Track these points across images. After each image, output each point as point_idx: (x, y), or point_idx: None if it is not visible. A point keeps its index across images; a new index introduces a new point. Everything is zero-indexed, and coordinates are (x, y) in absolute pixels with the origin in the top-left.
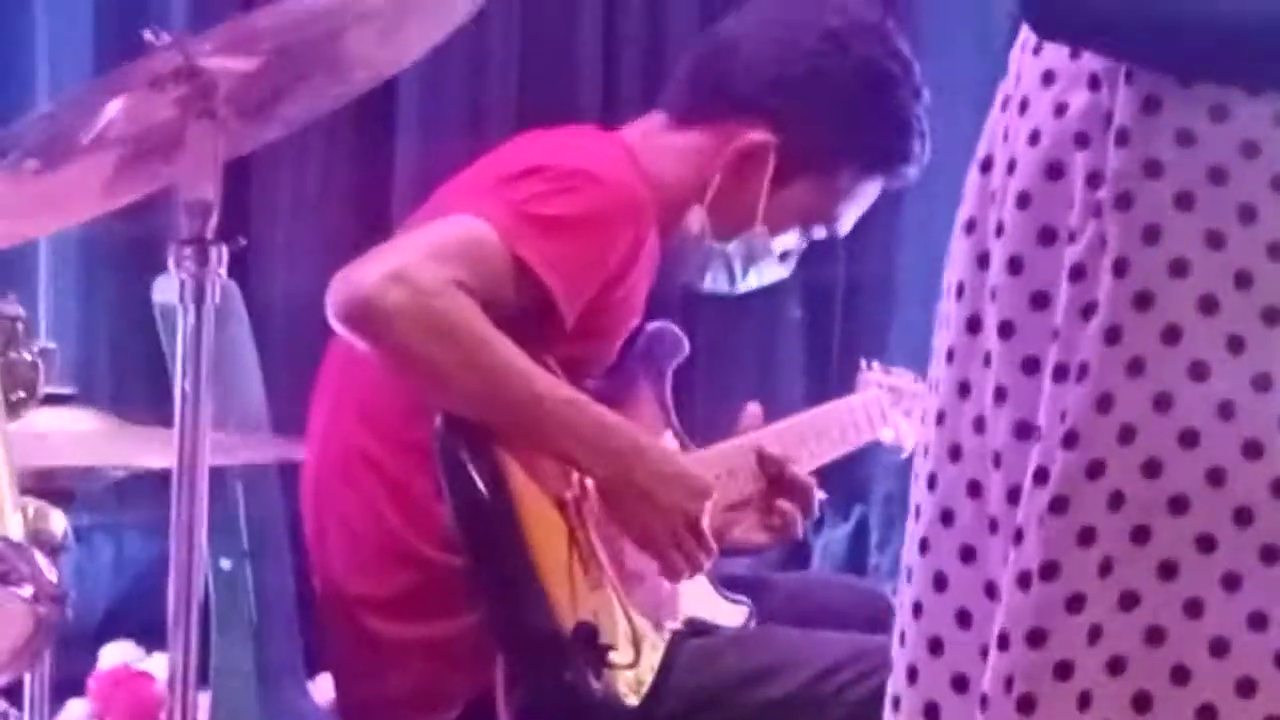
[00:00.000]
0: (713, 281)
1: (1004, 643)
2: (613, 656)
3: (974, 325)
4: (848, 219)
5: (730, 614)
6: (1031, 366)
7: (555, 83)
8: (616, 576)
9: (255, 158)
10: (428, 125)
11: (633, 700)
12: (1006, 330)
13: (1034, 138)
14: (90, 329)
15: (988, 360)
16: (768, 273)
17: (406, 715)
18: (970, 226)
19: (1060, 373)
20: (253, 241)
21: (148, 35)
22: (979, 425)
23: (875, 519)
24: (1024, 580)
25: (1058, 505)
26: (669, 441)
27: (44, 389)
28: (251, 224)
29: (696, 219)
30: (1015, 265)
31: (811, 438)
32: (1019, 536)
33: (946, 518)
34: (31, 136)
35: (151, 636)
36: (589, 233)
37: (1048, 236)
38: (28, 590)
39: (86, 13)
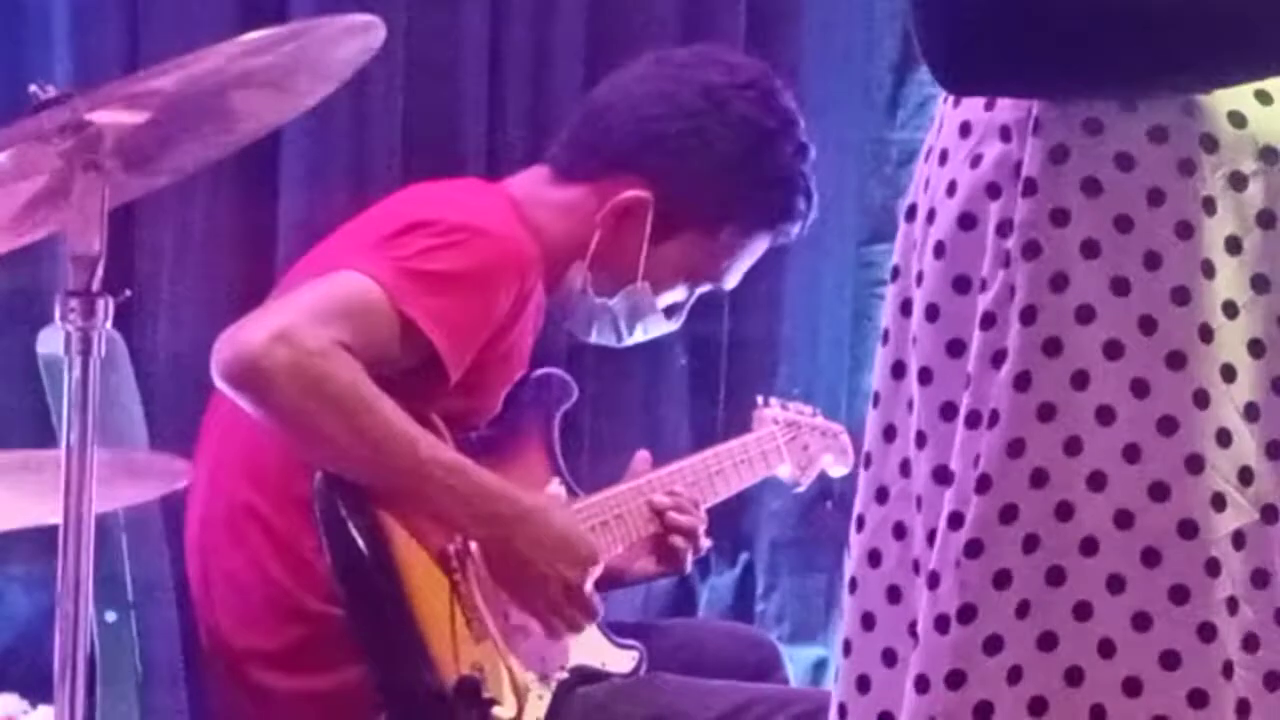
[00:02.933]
0: (598, 335)
1: (922, 685)
2: (496, 710)
3: (898, 371)
4: (733, 275)
5: (620, 659)
6: (949, 412)
7: (439, 135)
8: (500, 628)
9: (139, 206)
10: (312, 176)
11: None
12: (925, 376)
13: (951, 188)
14: None
15: (910, 405)
16: (654, 327)
17: None
18: (895, 274)
19: (973, 419)
20: (136, 291)
21: (34, 89)
22: (905, 469)
23: (761, 565)
24: (941, 623)
25: (973, 549)
26: (557, 489)
27: None
28: (135, 273)
29: (578, 275)
30: (932, 313)
31: (705, 478)
32: (934, 580)
33: (874, 558)
34: None
35: (36, 689)
36: (475, 288)
37: (962, 285)
38: None
39: None
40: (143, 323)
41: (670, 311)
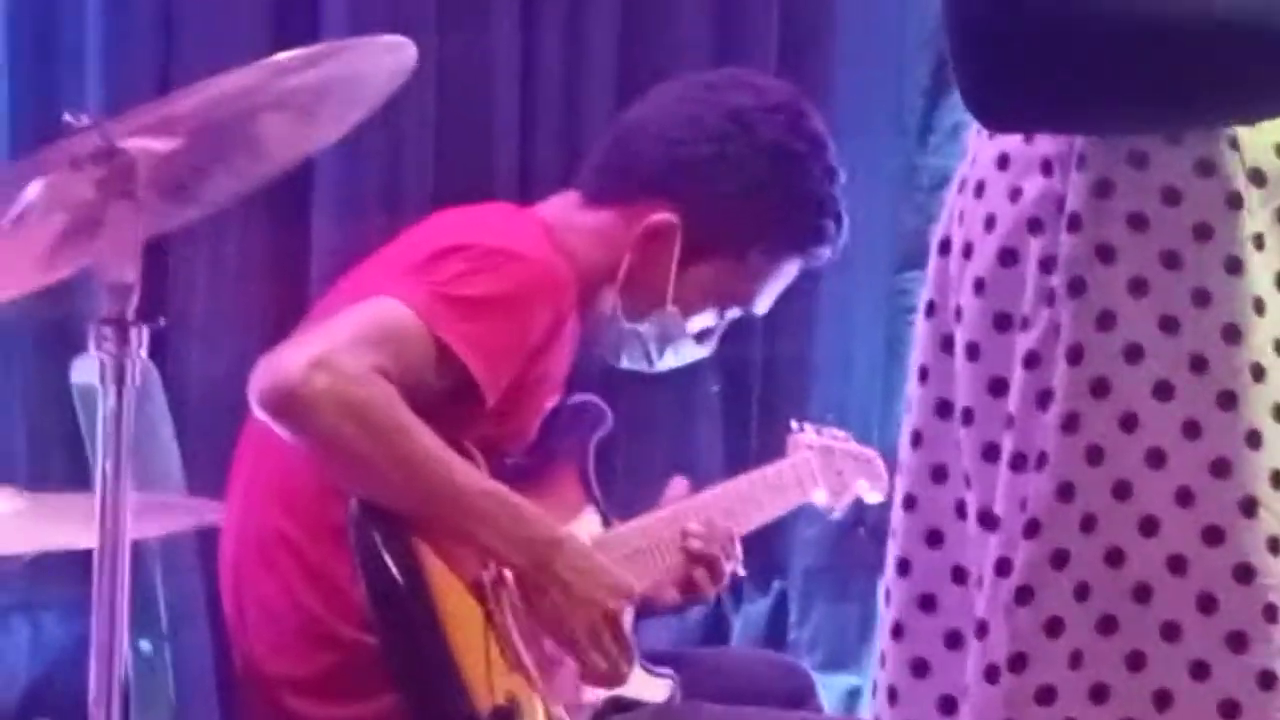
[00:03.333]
0: (629, 360)
1: None
2: None
3: (943, 410)
4: (763, 299)
5: (654, 688)
6: (991, 454)
7: (471, 161)
8: (534, 659)
9: (172, 235)
10: (344, 203)
11: None
12: (968, 417)
13: (989, 223)
14: (6, 410)
15: (958, 445)
16: (685, 352)
17: None
18: (930, 309)
19: (1018, 461)
20: (170, 320)
21: (67, 117)
22: (960, 510)
23: (794, 593)
24: (991, 674)
25: (1023, 596)
26: (591, 517)
27: None
28: (169, 301)
29: (608, 299)
30: (973, 351)
31: (740, 504)
32: (983, 629)
33: (927, 603)
34: None
35: (71, 718)
36: (510, 312)
37: (1003, 323)
38: None
39: (1, 92)
40: (176, 351)
41: (701, 337)
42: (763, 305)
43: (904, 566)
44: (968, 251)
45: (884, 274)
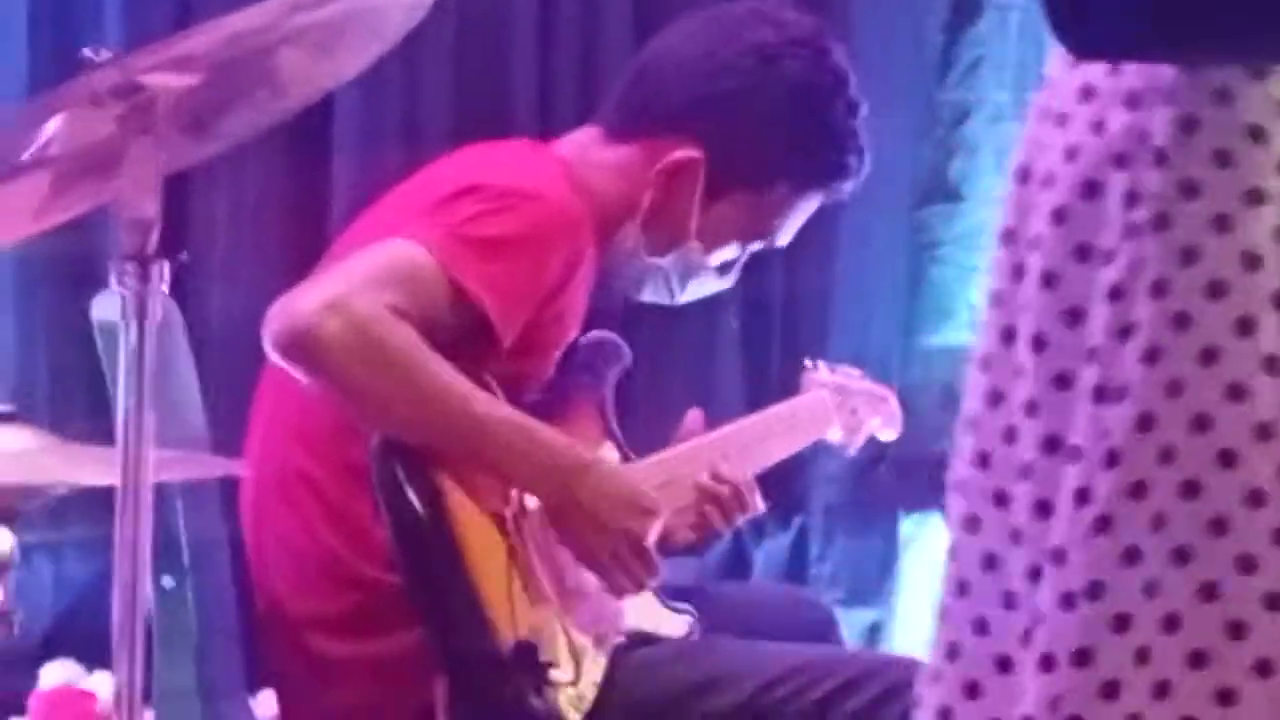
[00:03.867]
0: (651, 293)
1: (1048, 664)
2: (553, 674)
3: (1008, 336)
4: (785, 232)
5: (674, 624)
6: (1063, 382)
7: (490, 97)
8: (557, 592)
9: (191, 173)
10: (364, 140)
11: (575, 717)
12: (1039, 344)
13: (1071, 154)
14: (27, 347)
15: (1019, 372)
16: (707, 285)
17: None
18: (1007, 237)
19: (1100, 393)
20: (191, 257)
21: (87, 53)
22: (1009, 435)
23: (815, 529)
24: (1068, 600)
25: (1102, 524)
26: (609, 452)
27: None
28: (188, 239)
29: (630, 235)
30: (1049, 280)
31: (755, 442)
32: (1060, 556)
33: (972, 524)
34: None
35: (93, 655)
36: (525, 252)
37: (1082, 253)
38: None
39: (20, 31)
40: (197, 289)
41: (723, 269)
42: (784, 238)
43: (962, 487)
44: (1048, 181)
45: (904, 209)
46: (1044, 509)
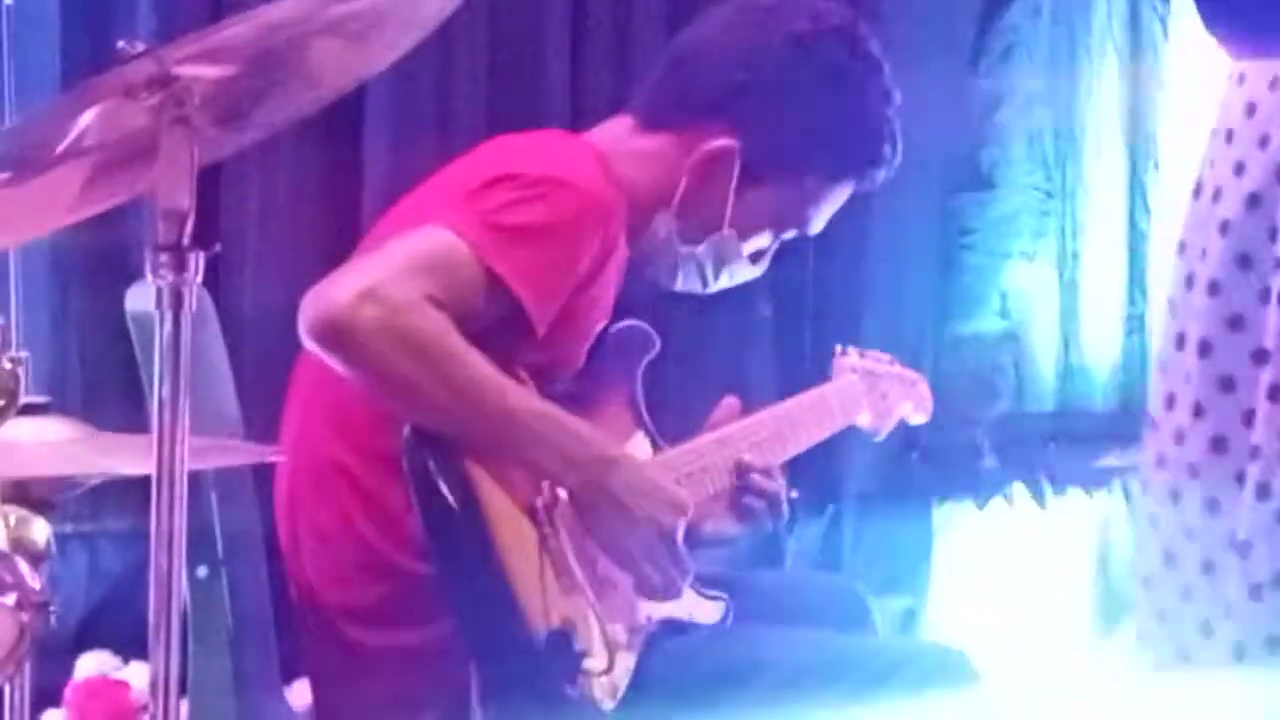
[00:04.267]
0: (684, 282)
1: (1240, 652)
2: (586, 663)
3: (1180, 342)
4: (817, 222)
5: (707, 611)
6: (1227, 385)
7: (523, 88)
8: (589, 581)
9: (224, 164)
10: (396, 130)
11: (609, 705)
12: (1205, 349)
13: (1239, 169)
14: (61, 338)
15: (1188, 376)
16: (739, 273)
17: None
18: (1181, 248)
19: (1275, 393)
20: (224, 247)
21: (121, 44)
22: (1179, 438)
23: (848, 516)
24: (1256, 592)
25: None
26: (640, 442)
27: (23, 397)
28: (221, 230)
29: (664, 223)
30: (1214, 288)
31: (786, 428)
32: (1245, 549)
33: (1153, 520)
34: (3, 149)
35: (128, 646)
36: (559, 240)
37: (1244, 262)
38: (11, 598)
39: (54, 23)
40: (229, 279)
41: (755, 257)
42: (816, 226)
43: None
44: (1217, 195)
45: (936, 197)
46: (1211, 504)
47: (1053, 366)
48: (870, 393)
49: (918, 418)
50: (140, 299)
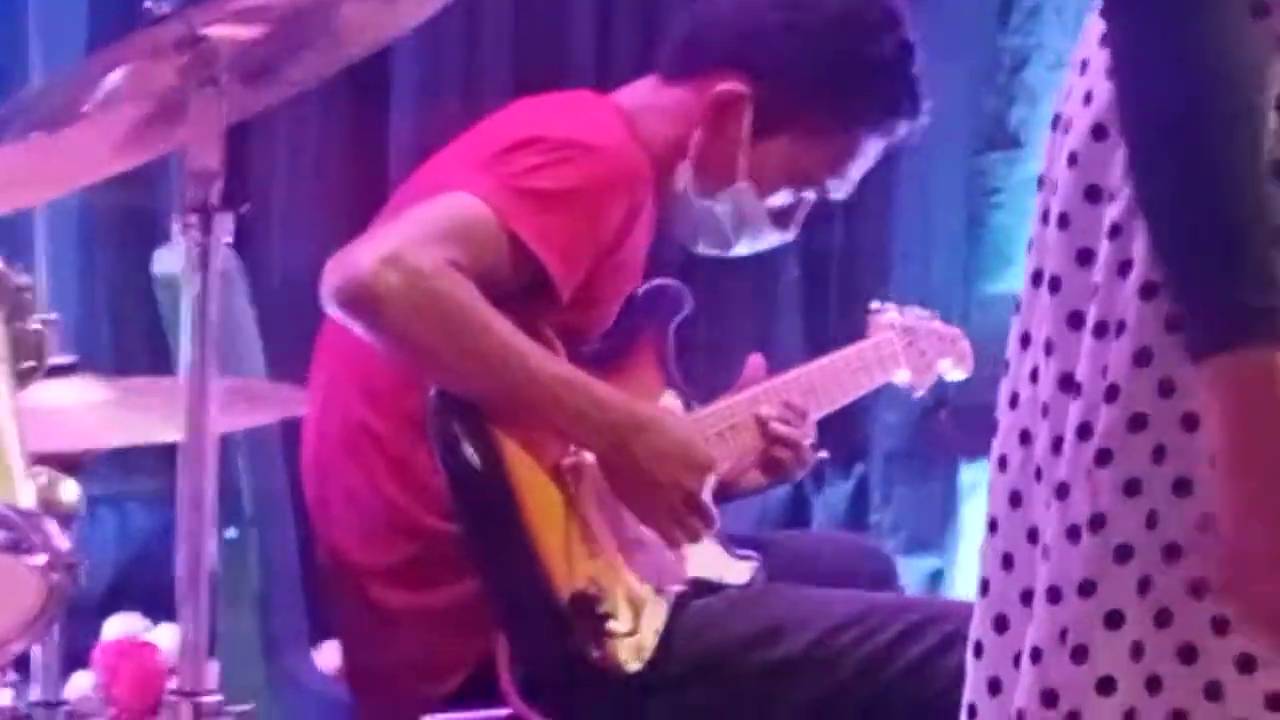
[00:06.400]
0: (706, 243)
1: (1054, 595)
2: (612, 625)
3: (1036, 279)
4: (841, 180)
5: (738, 570)
6: (1075, 321)
7: (550, 48)
8: (615, 543)
9: (251, 125)
10: (423, 90)
11: (635, 666)
12: (1055, 285)
13: (1087, 98)
14: (89, 300)
15: (1043, 313)
16: (764, 236)
17: (412, 681)
18: (1040, 183)
19: (1100, 329)
20: (251, 208)
21: (148, 4)
22: (1034, 375)
23: (875, 476)
24: (1073, 533)
25: (1103, 458)
26: (671, 400)
27: (50, 359)
28: (248, 191)
29: (682, 175)
30: (1063, 221)
31: (820, 386)
32: (1064, 490)
33: (1002, 463)
34: (33, 108)
35: (156, 607)
36: (583, 204)
37: (1093, 194)
38: (41, 559)
39: None
40: (256, 240)
41: (780, 219)
42: (842, 187)
43: (995, 428)
44: (1067, 127)
45: (963, 156)
46: (1059, 447)
47: None
48: (909, 349)
49: (957, 374)
50: (167, 261)
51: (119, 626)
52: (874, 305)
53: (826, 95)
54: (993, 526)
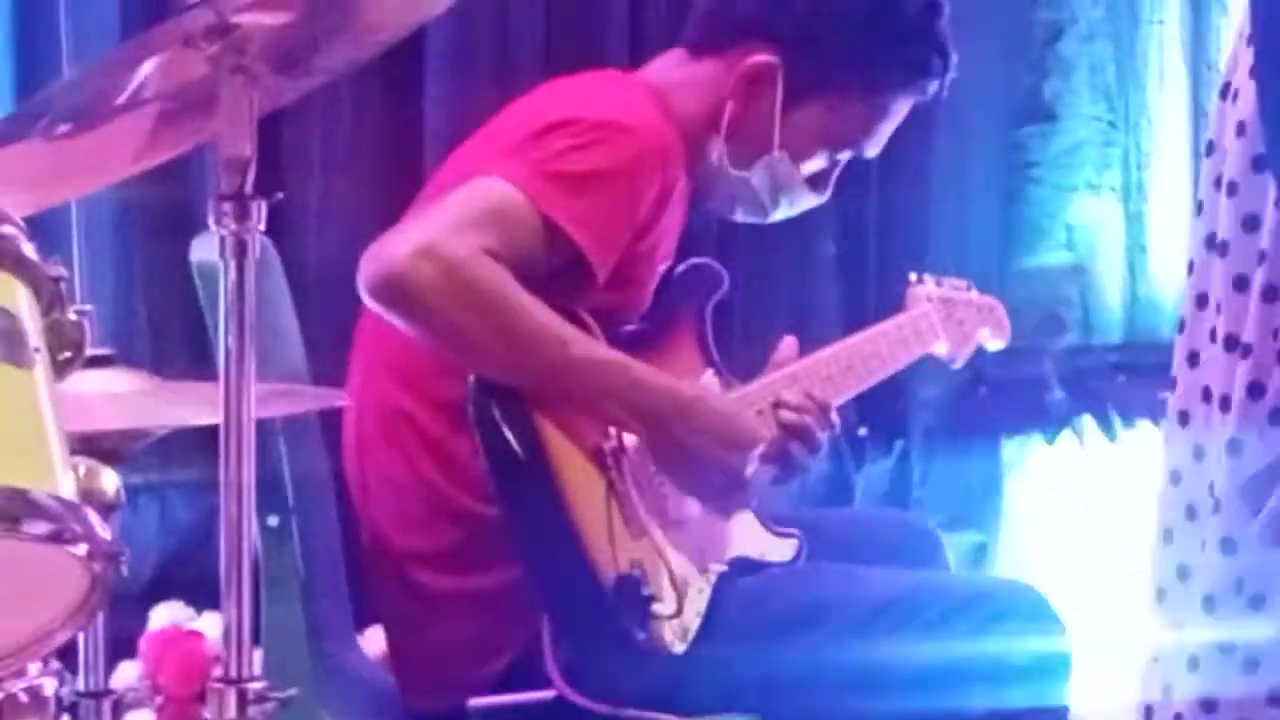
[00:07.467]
0: (744, 212)
1: (1229, 547)
2: (656, 607)
3: (1209, 242)
4: (874, 140)
5: (780, 549)
6: (1241, 284)
7: (583, 28)
8: (657, 525)
9: (285, 113)
10: (456, 75)
11: (680, 648)
12: (1224, 249)
13: (1253, 72)
14: (125, 291)
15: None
16: (800, 200)
17: (457, 666)
18: (1210, 148)
19: (1270, 293)
20: (287, 197)
21: None
22: (1212, 335)
23: (916, 453)
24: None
25: (1276, 417)
26: (709, 379)
27: (88, 349)
28: (283, 179)
29: (715, 149)
30: (1232, 189)
31: (859, 360)
32: (1234, 446)
33: (1183, 418)
34: (65, 100)
35: (201, 596)
36: (618, 186)
37: (1259, 164)
38: (82, 549)
39: None
40: (294, 227)
41: (815, 182)
42: (873, 147)
43: (1173, 384)
44: (1235, 96)
45: (999, 130)
46: (1226, 404)
47: (1119, 298)
48: (947, 321)
49: (995, 344)
50: (205, 250)
51: (164, 616)
52: (911, 278)
53: (857, 61)
54: (1175, 479)
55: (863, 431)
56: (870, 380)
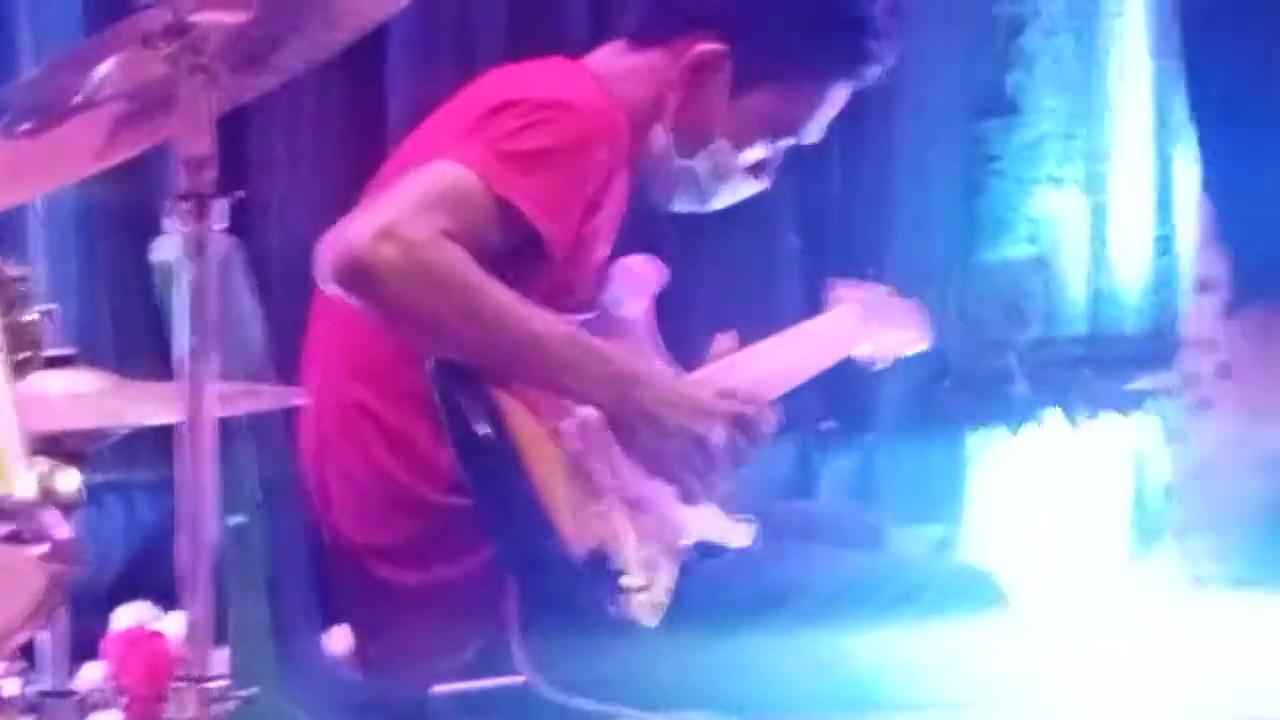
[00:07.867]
0: (682, 202)
1: None
2: (625, 581)
3: None
4: (814, 127)
5: (739, 534)
6: None
7: (544, 20)
8: (621, 502)
9: (249, 108)
10: (419, 71)
11: (652, 623)
12: None
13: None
14: (88, 291)
15: None
16: (740, 189)
17: (423, 659)
18: None
19: None
20: (251, 195)
21: None
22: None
23: (882, 445)
24: None
25: None
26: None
27: (47, 350)
28: (247, 176)
29: (659, 139)
30: None
31: (781, 362)
32: None
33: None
34: (23, 99)
35: (167, 596)
36: (567, 163)
37: None
38: (41, 548)
39: None
40: (258, 224)
41: (756, 170)
42: (813, 134)
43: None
44: None
45: (961, 123)
46: None
47: (1083, 290)
48: (867, 323)
49: (916, 347)
50: (166, 249)
51: (129, 616)
52: (830, 281)
53: (798, 47)
54: None
55: (827, 425)
56: (793, 382)
